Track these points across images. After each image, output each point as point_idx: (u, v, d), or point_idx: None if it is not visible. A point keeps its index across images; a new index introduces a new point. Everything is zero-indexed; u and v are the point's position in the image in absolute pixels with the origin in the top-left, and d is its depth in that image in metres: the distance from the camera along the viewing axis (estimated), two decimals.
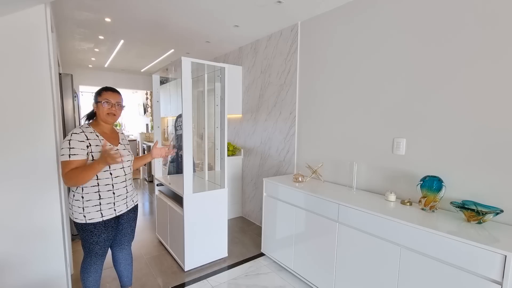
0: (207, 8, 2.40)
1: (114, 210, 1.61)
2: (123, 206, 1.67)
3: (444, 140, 1.69)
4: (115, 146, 1.64)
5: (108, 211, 1.58)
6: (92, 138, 1.53)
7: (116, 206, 1.63)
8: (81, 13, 2.57)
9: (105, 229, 1.58)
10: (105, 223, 1.58)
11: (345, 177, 2.33)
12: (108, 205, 1.58)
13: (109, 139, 1.64)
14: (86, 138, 1.51)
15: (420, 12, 1.77)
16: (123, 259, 1.85)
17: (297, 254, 2.21)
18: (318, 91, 2.53)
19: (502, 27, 1.44)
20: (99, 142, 1.55)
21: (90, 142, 1.51)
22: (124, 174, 1.67)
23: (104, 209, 1.56)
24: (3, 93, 1.47)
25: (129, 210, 1.75)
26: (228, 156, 3.54)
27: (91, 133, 1.55)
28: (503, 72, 1.45)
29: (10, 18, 1.45)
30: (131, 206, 1.74)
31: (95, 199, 1.53)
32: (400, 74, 1.90)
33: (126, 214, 1.73)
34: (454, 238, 1.28)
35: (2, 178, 1.50)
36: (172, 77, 4.91)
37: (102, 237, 1.58)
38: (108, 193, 1.58)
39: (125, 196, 1.67)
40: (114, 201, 1.61)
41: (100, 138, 1.57)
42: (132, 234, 1.84)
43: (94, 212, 1.53)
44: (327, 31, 2.42)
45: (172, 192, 2.60)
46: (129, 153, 1.75)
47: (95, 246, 1.58)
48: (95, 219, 1.53)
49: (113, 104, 1.60)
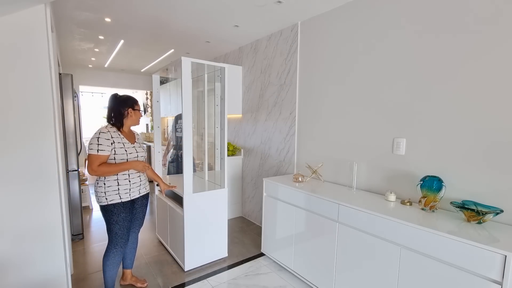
0: (207, 8, 2.40)
1: (129, 195, 1.94)
2: (137, 192, 2.00)
3: (444, 140, 1.69)
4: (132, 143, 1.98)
5: (125, 195, 1.92)
6: (116, 137, 1.88)
7: (131, 192, 1.96)
8: (81, 13, 2.57)
9: (123, 209, 1.91)
10: (123, 204, 1.91)
11: (345, 177, 2.33)
12: (125, 190, 1.92)
13: (128, 137, 1.98)
14: (111, 136, 1.85)
15: (421, 11, 1.77)
16: (131, 241, 2.15)
17: (297, 254, 2.21)
18: (318, 91, 2.53)
19: (503, 26, 1.44)
20: (121, 140, 1.90)
21: (114, 140, 1.86)
22: None
23: (122, 193, 1.90)
24: (3, 93, 1.47)
25: (142, 196, 2.08)
26: (228, 156, 3.54)
27: (115, 132, 1.90)
28: (503, 72, 1.45)
29: (10, 18, 1.45)
30: (143, 192, 2.07)
31: (114, 186, 1.88)
32: (400, 74, 1.90)
33: (140, 199, 2.07)
34: (454, 238, 1.28)
35: (2, 178, 1.50)
36: (172, 77, 4.91)
37: (121, 216, 1.91)
38: (125, 181, 1.92)
39: (138, 184, 2.00)
40: (130, 187, 1.94)
41: (121, 136, 1.92)
42: (142, 220, 2.17)
43: (114, 195, 1.87)
44: (327, 31, 2.42)
45: (172, 192, 2.60)
46: (143, 150, 2.08)
47: (115, 226, 1.90)
48: (115, 200, 1.88)
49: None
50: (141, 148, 2.05)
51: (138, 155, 1.98)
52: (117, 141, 1.87)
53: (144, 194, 2.09)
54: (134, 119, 2.01)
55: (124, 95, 2.00)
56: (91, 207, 4.16)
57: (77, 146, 3.01)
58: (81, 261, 2.57)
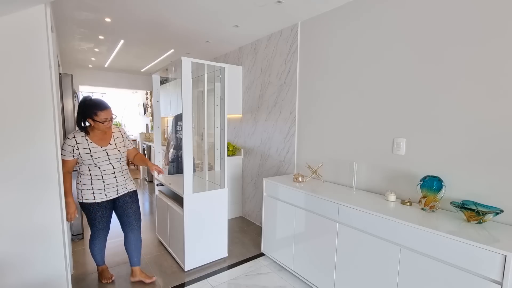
0: (207, 8, 2.40)
1: (105, 195, 1.98)
2: (114, 193, 2.02)
3: (444, 140, 1.69)
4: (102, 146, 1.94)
5: (100, 195, 1.96)
6: (81, 142, 1.88)
7: (107, 192, 1.99)
8: (81, 13, 2.57)
9: (99, 208, 1.98)
10: (98, 204, 1.97)
11: (345, 177, 2.33)
12: (99, 190, 1.96)
13: (98, 140, 1.94)
14: (75, 142, 1.86)
15: (422, 11, 1.77)
16: (133, 240, 2.15)
17: (297, 254, 2.21)
18: (318, 91, 2.53)
19: (504, 25, 1.44)
20: (88, 145, 1.89)
21: (78, 146, 1.86)
22: (113, 168, 2.00)
23: (96, 193, 1.95)
24: (3, 93, 1.47)
25: (124, 195, 2.08)
26: (228, 156, 3.54)
27: (82, 137, 1.89)
28: (503, 72, 1.45)
29: (10, 18, 1.45)
30: (122, 192, 2.07)
31: (88, 184, 1.92)
32: (401, 73, 1.90)
33: (121, 198, 2.07)
34: (454, 238, 1.28)
35: (2, 178, 1.50)
36: (172, 77, 4.91)
37: (98, 215, 1.99)
38: (98, 181, 1.94)
39: (115, 185, 2.01)
40: (104, 187, 1.97)
41: (89, 141, 1.90)
42: (136, 216, 2.15)
43: (88, 195, 1.93)
44: (327, 31, 2.42)
45: (172, 192, 2.60)
46: (118, 152, 2.01)
47: (94, 222, 2.01)
48: (89, 200, 1.94)
49: (108, 120, 1.91)
50: (115, 150, 1.98)
51: (110, 157, 1.94)
52: (82, 147, 1.86)
53: (124, 193, 2.08)
54: (97, 128, 1.89)
55: (90, 101, 1.88)
56: None
57: None
58: (81, 261, 2.57)
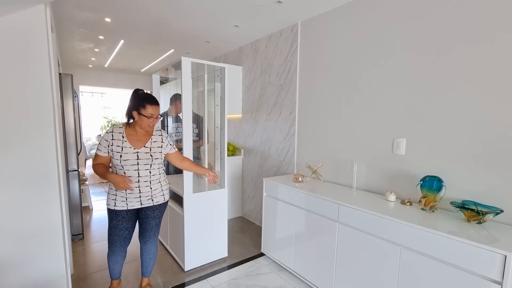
0: (207, 8, 2.40)
1: (126, 204, 1.82)
2: (137, 204, 1.85)
3: (444, 140, 1.69)
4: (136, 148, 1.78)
5: (121, 203, 1.82)
6: (117, 139, 1.76)
7: (128, 201, 1.83)
8: (81, 13, 2.57)
9: (115, 217, 1.83)
10: (116, 212, 1.83)
11: (345, 177, 2.33)
12: (122, 198, 1.82)
13: (134, 141, 1.80)
14: (111, 137, 1.76)
15: (422, 11, 1.77)
16: (146, 251, 2.01)
17: (297, 254, 2.21)
18: (318, 91, 2.53)
19: (505, 25, 1.44)
20: (122, 143, 1.76)
21: (113, 142, 1.75)
22: (138, 176, 1.80)
23: (117, 200, 1.82)
24: (3, 93, 1.47)
25: (147, 208, 1.90)
26: (228, 156, 3.54)
27: (120, 133, 1.78)
28: (503, 72, 1.45)
29: (10, 18, 1.45)
30: (147, 204, 1.88)
31: (113, 189, 1.82)
32: (401, 73, 1.90)
33: (144, 210, 1.90)
34: (454, 238, 1.28)
35: (2, 178, 1.50)
36: (172, 77, 4.90)
37: (112, 223, 1.84)
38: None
39: (138, 195, 1.83)
40: (126, 196, 1.82)
41: (124, 139, 1.77)
42: (151, 231, 1.97)
43: (111, 200, 1.83)
44: (327, 31, 2.42)
45: (172, 192, 2.60)
46: (150, 157, 1.82)
47: (109, 230, 1.87)
48: (110, 206, 1.83)
49: (154, 117, 1.78)
50: (148, 154, 1.80)
51: (139, 162, 1.77)
52: (116, 144, 1.74)
53: (149, 206, 1.89)
54: (140, 124, 1.77)
55: (140, 94, 1.80)
56: (91, 207, 4.16)
57: (77, 146, 3.01)
58: (81, 261, 2.57)
